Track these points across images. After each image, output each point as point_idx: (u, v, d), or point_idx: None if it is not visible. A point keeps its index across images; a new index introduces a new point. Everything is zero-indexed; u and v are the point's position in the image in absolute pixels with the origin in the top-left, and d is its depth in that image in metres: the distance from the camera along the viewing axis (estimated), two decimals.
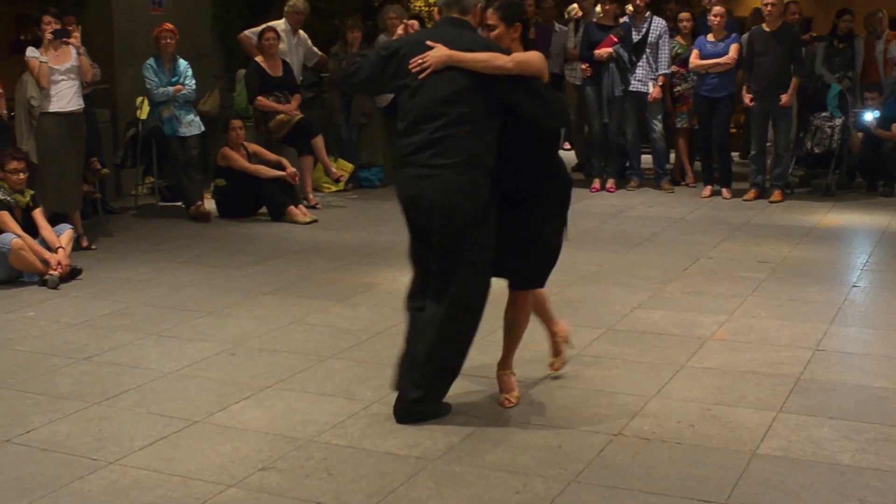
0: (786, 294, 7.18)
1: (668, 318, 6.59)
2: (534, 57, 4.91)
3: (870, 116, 11.43)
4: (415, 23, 5.49)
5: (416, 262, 5.16)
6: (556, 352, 5.60)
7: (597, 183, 11.76)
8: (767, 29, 10.79)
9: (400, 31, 5.34)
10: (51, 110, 8.55)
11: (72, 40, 8.67)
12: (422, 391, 4.91)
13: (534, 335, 6.19)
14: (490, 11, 5.00)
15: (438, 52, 4.84)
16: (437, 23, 5.40)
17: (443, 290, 4.92)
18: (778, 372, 5.56)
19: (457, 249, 4.88)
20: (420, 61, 4.86)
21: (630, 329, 6.37)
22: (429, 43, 4.89)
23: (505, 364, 5.26)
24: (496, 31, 4.98)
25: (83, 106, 8.88)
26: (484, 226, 4.87)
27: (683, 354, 5.85)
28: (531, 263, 5.09)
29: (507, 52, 4.90)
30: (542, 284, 5.23)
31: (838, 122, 11.37)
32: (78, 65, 8.69)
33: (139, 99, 10.45)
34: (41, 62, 8.47)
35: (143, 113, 10.35)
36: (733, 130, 12.37)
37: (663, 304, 6.95)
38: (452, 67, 4.83)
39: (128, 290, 7.42)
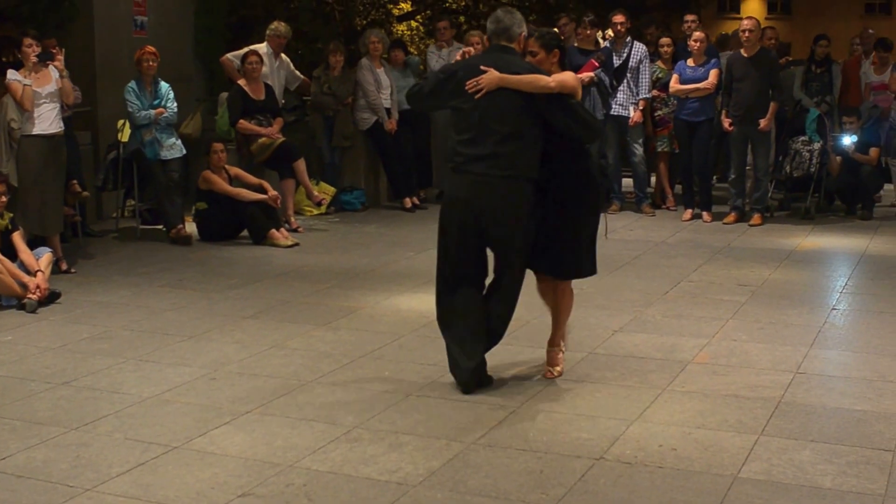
0: (766, 317, 7.20)
1: (649, 342, 6.59)
2: (568, 77, 5.67)
3: (848, 140, 11.51)
4: (470, 49, 6.29)
5: (457, 264, 5.88)
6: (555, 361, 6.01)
7: None
8: (745, 54, 10.88)
9: (458, 56, 6.08)
10: (32, 133, 8.52)
11: (56, 63, 8.66)
12: (477, 361, 5.67)
13: (514, 357, 6.20)
14: (532, 40, 5.79)
15: (491, 76, 5.56)
16: (487, 49, 6.09)
17: (499, 277, 5.82)
18: (759, 395, 5.57)
19: (508, 245, 5.71)
20: (475, 83, 5.56)
21: (611, 353, 6.37)
22: (482, 67, 5.61)
23: (553, 341, 6.00)
24: (538, 57, 5.75)
25: (63, 129, 8.85)
26: (527, 225, 5.67)
27: (665, 378, 5.86)
28: (570, 257, 5.83)
29: (548, 74, 5.63)
30: (579, 275, 5.98)
31: (817, 146, 11.45)
32: (59, 88, 8.67)
33: (120, 122, 10.45)
34: (24, 85, 8.44)
35: (125, 135, 10.34)
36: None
37: (644, 327, 6.96)
38: (503, 88, 5.54)
39: (107, 314, 7.39)
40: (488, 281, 5.91)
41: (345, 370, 6.06)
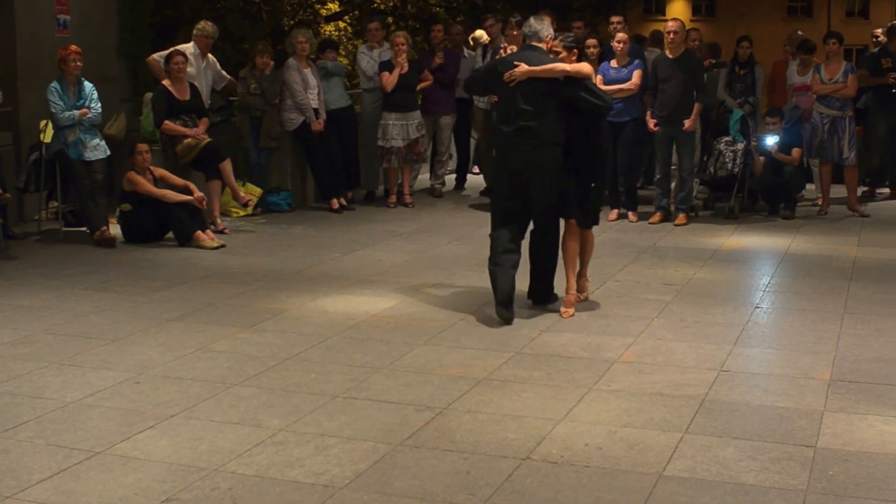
0: (691, 316, 7.28)
1: (575, 342, 6.63)
2: (583, 65, 7.32)
3: (771, 141, 11.67)
4: (513, 47, 8.11)
5: (506, 212, 7.38)
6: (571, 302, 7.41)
7: None
8: (670, 55, 10.99)
9: (500, 53, 8.10)
10: None
11: None
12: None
13: (441, 358, 6.21)
14: (557, 42, 7.38)
15: (522, 68, 7.20)
16: (520, 48, 7.60)
17: (544, 227, 7.45)
18: (684, 393, 5.62)
19: (548, 199, 7.30)
20: (510, 74, 7.23)
21: (538, 353, 6.40)
22: (515, 63, 7.24)
23: (583, 272, 7.75)
24: (561, 55, 7.32)
25: None
26: (554, 183, 7.28)
27: (591, 377, 5.89)
28: (587, 209, 7.47)
29: None
30: (595, 222, 7.63)
31: (740, 146, 11.59)
32: None
33: (43, 122, 10.28)
34: None
35: (47, 136, 10.18)
36: None
37: (571, 327, 7.00)
38: (531, 78, 7.18)
39: (29, 318, 7.26)
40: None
41: (271, 372, 6.02)
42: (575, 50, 7.35)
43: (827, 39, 12.20)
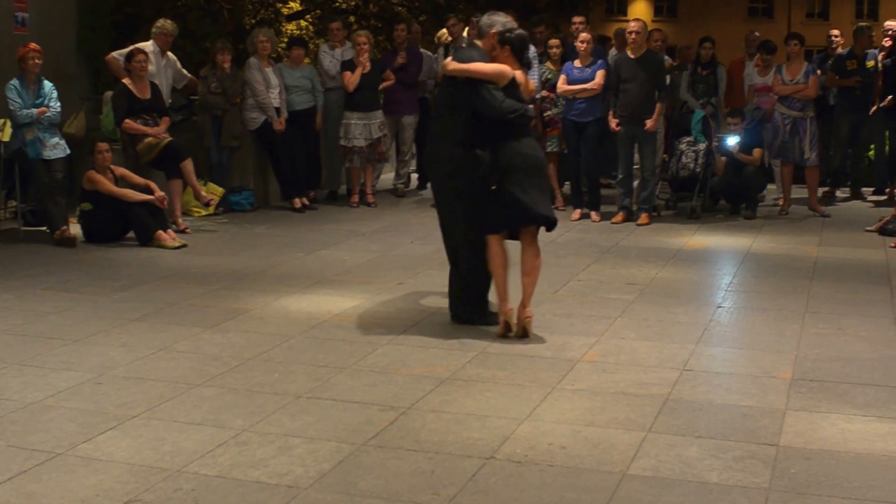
0: (654, 315, 7.31)
1: (539, 341, 6.63)
2: (481, 66, 6.78)
3: (732, 141, 11.74)
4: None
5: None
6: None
7: None
8: (632, 56, 11.04)
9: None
10: None
11: None
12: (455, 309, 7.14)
13: (405, 358, 6.20)
14: (494, 35, 6.89)
15: (447, 62, 7.01)
16: (467, 45, 7.51)
17: (453, 230, 7.08)
18: (647, 392, 5.64)
19: (445, 198, 7.05)
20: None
21: (501, 352, 6.40)
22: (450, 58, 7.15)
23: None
24: (495, 51, 6.88)
25: None
26: (461, 184, 6.89)
27: (555, 376, 5.90)
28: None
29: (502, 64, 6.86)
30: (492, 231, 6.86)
31: (702, 146, 11.67)
32: None
33: (1, 120, 10.16)
34: None
35: (6, 135, 10.06)
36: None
37: (534, 326, 6.99)
38: (447, 75, 6.97)
39: None
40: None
41: (233, 373, 5.98)
42: (507, 46, 6.86)
43: (788, 40, 12.31)
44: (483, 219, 6.81)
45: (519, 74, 6.87)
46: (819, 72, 12.54)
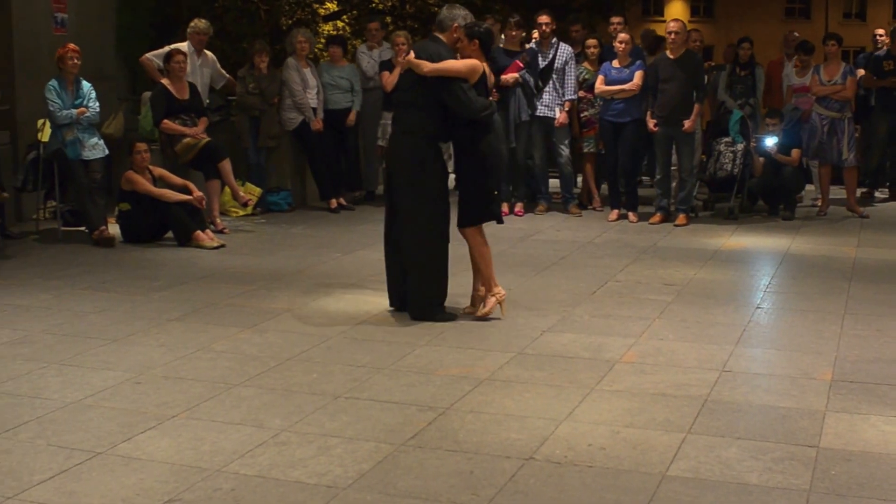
0: (692, 316, 7.27)
1: (577, 342, 6.62)
2: (450, 63, 6.95)
3: (770, 142, 11.66)
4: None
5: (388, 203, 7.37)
6: (476, 300, 7.27)
7: (505, 207, 11.78)
8: (671, 56, 10.99)
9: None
10: None
11: None
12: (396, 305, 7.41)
13: (442, 358, 6.20)
14: (460, 29, 7.07)
15: (409, 57, 7.12)
16: (428, 38, 7.44)
17: (404, 220, 7.22)
18: (686, 393, 5.61)
19: (403, 188, 7.18)
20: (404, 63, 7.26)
21: (540, 353, 6.39)
22: (412, 52, 7.17)
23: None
24: (461, 44, 7.05)
25: None
26: (420, 179, 7.14)
27: (593, 377, 5.88)
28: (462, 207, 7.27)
29: (469, 58, 7.07)
30: (471, 223, 7.19)
31: (740, 147, 11.59)
32: None
33: (41, 121, 10.26)
34: None
35: (45, 135, 10.16)
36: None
37: (572, 327, 6.99)
38: (409, 69, 7.09)
39: (28, 318, 7.24)
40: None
41: (272, 373, 6.00)
42: (476, 39, 7.03)
43: (826, 41, 12.21)
44: (470, 210, 7.18)
45: (486, 67, 7.19)
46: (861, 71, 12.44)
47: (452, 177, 7.52)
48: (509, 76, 11.33)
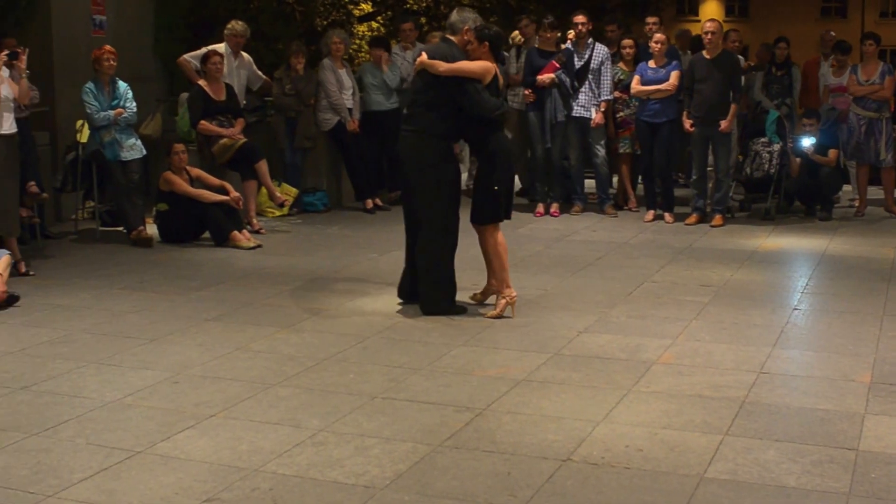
0: (729, 317, 7.24)
1: (613, 343, 6.60)
2: (466, 64, 7.12)
3: (807, 142, 11.59)
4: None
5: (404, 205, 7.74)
6: (488, 292, 7.49)
7: (541, 207, 11.81)
8: (708, 56, 10.94)
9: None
10: None
11: (19, 63, 8.52)
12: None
13: (479, 359, 6.20)
14: (470, 31, 7.24)
15: (421, 58, 7.26)
16: (440, 40, 7.68)
17: (422, 220, 7.43)
18: (723, 395, 5.59)
19: (419, 188, 7.36)
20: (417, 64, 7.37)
21: (576, 354, 6.38)
22: (423, 52, 7.31)
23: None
24: (472, 46, 7.21)
25: (17, 130, 8.64)
26: (433, 178, 7.28)
27: (630, 379, 5.87)
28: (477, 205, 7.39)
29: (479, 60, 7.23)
30: (485, 221, 7.33)
31: (777, 147, 11.52)
32: (12, 89, 8.46)
33: (79, 122, 10.34)
34: None
35: (83, 136, 10.24)
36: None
37: (609, 328, 6.97)
38: (424, 70, 7.23)
39: (67, 317, 7.30)
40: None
41: (309, 373, 6.02)
42: (486, 42, 7.19)
43: (863, 40, 12.13)
44: (484, 209, 7.31)
45: (497, 69, 7.33)
46: None
47: (464, 176, 7.61)
48: (545, 76, 11.32)
